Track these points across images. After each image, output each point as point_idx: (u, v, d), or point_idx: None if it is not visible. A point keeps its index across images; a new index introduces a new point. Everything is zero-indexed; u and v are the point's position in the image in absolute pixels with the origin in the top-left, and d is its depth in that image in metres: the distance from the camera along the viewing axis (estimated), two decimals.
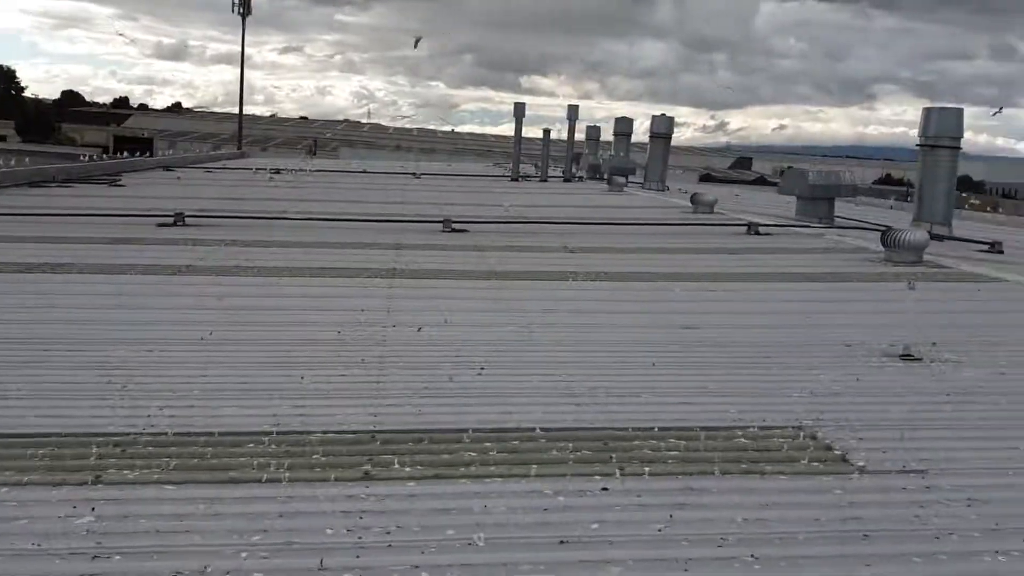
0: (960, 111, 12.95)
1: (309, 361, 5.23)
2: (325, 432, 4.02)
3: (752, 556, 2.93)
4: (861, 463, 3.81)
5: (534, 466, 3.68)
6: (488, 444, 3.93)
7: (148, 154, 33.80)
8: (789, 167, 16.91)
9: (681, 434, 4.15)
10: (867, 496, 3.47)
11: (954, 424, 4.38)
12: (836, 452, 3.95)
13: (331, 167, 28.94)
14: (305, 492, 3.39)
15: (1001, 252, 11.46)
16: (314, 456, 3.75)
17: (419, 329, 6.06)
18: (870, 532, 3.13)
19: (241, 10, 49.85)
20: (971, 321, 6.86)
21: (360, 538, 2.99)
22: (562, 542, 3.00)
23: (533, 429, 4.16)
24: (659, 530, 3.10)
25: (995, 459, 3.91)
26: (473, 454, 3.80)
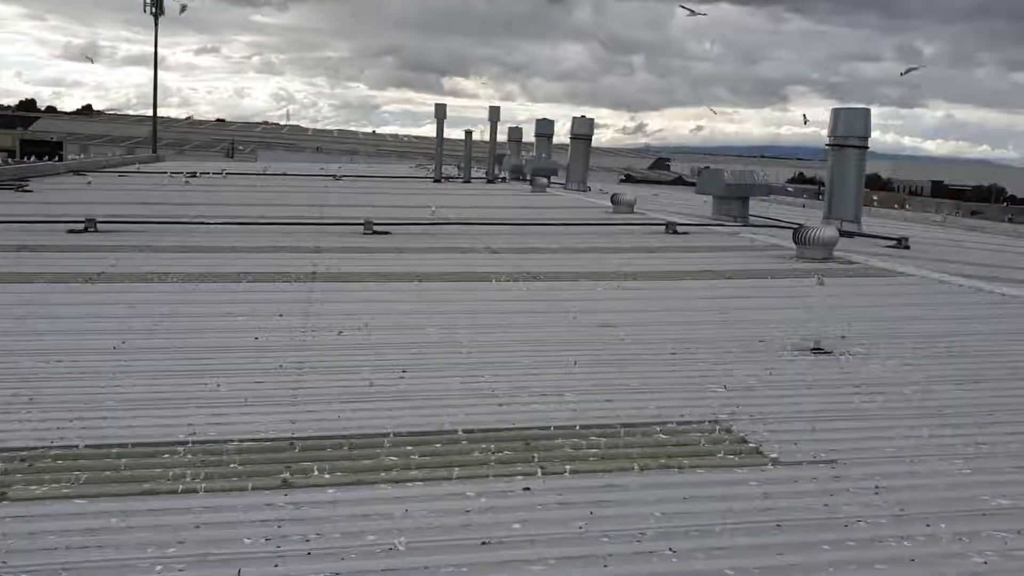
0: (867, 111, 13.40)
1: (226, 368, 5.14)
2: (242, 440, 3.95)
3: (670, 549, 2.98)
4: (774, 455, 3.92)
5: (456, 468, 3.69)
6: (409, 448, 3.92)
7: (57, 158, 32.65)
8: (706, 167, 17.22)
9: (602, 431, 4.20)
10: (780, 487, 3.57)
11: (862, 415, 4.53)
12: (751, 445, 4.06)
13: (249, 170, 28.39)
14: (222, 502, 3.33)
15: (907, 248, 11.89)
16: (231, 465, 3.68)
17: (339, 333, 6.00)
18: (782, 522, 3.22)
19: (153, 10, 48.50)
20: (878, 315, 7.11)
21: (279, 547, 2.95)
22: (484, 543, 3.01)
23: (455, 431, 4.16)
24: (580, 528, 3.14)
25: (901, 447, 4.06)
26: (394, 458, 3.79)
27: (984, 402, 4.76)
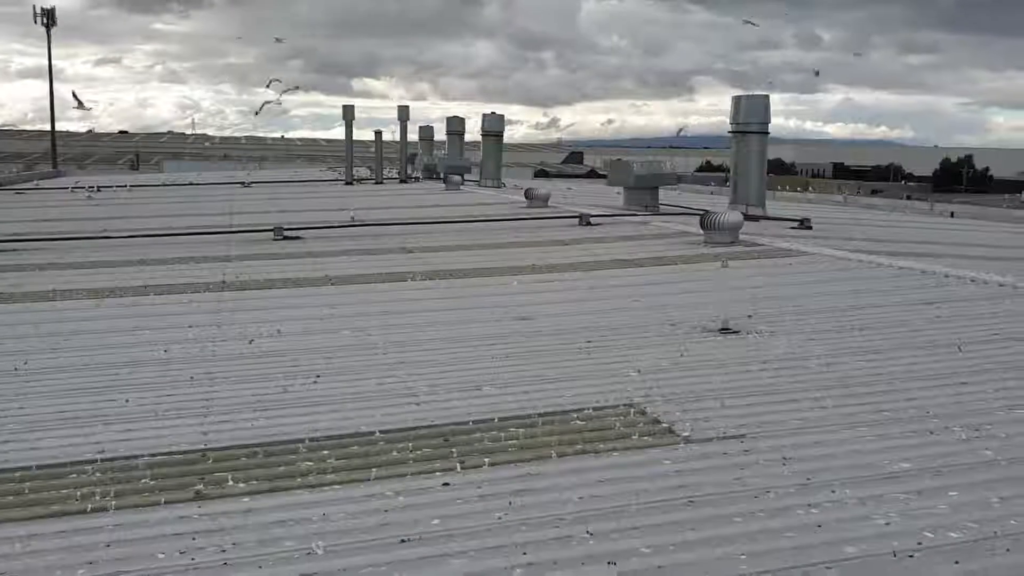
0: (766, 98, 13.76)
1: (134, 383, 5.00)
2: (153, 455, 3.86)
3: (588, 532, 3.03)
4: (686, 433, 4.02)
5: (374, 469, 3.67)
6: (326, 452, 3.89)
7: None
8: (617, 160, 17.47)
9: (520, 422, 4.24)
10: (692, 464, 3.67)
11: (769, 390, 4.68)
12: (664, 425, 4.15)
13: (155, 181, 27.61)
14: (134, 518, 3.25)
15: (810, 228, 12.27)
16: (142, 480, 3.60)
17: (251, 341, 5.91)
18: (695, 498, 3.30)
19: (45, 20, 46.72)
20: (783, 293, 7.33)
21: (193, 559, 2.89)
22: (403, 541, 3.01)
23: (372, 432, 4.14)
24: (499, 518, 3.16)
25: (807, 419, 4.21)
26: (310, 463, 3.75)
27: (884, 371, 4.96)
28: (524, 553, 2.89)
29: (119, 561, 2.90)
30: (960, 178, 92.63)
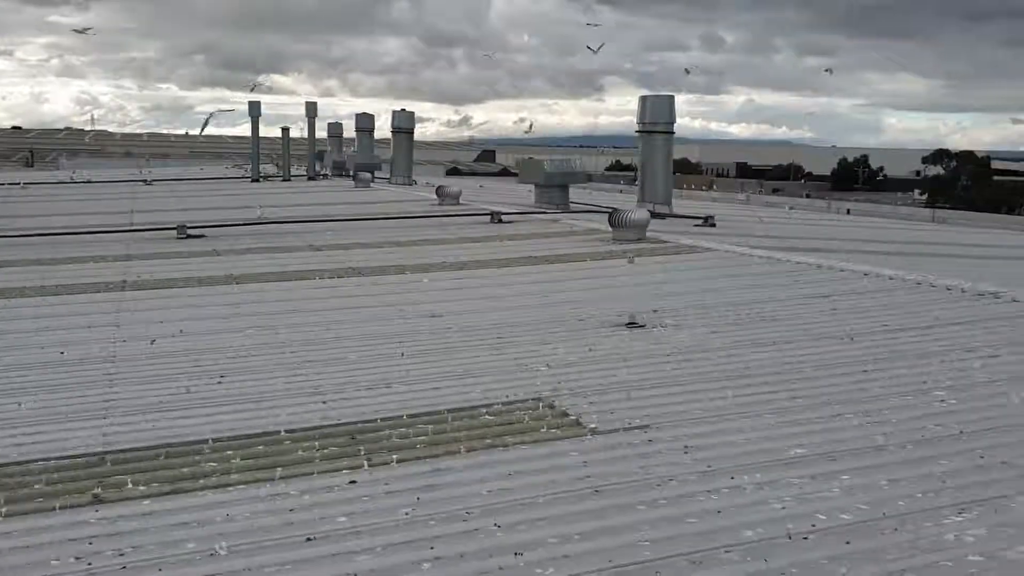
0: (671, 98, 14.05)
1: (29, 386, 4.82)
2: (48, 459, 3.73)
3: (496, 525, 3.06)
4: (593, 425, 4.09)
5: (279, 469, 3.63)
6: (230, 452, 3.82)
7: None
8: (529, 158, 17.61)
9: (429, 419, 4.24)
10: (598, 455, 3.73)
11: (673, 381, 4.79)
12: (571, 417, 4.21)
13: (51, 179, 26.54)
14: (27, 525, 3.14)
15: (713, 225, 12.60)
16: (36, 486, 3.47)
17: (152, 342, 5.75)
18: (600, 487, 3.37)
19: None
20: (687, 288, 7.50)
21: (90, 564, 2.81)
22: (309, 539, 2.98)
23: (278, 432, 4.09)
24: (406, 514, 3.16)
25: (708, 408, 4.32)
26: (214, 464, 3.68)
27: (782, 362, 5.13)
28: (431, 547, 2.90)
29: (12, 569, 2.79)
30: (856, 177, 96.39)
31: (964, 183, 76.71)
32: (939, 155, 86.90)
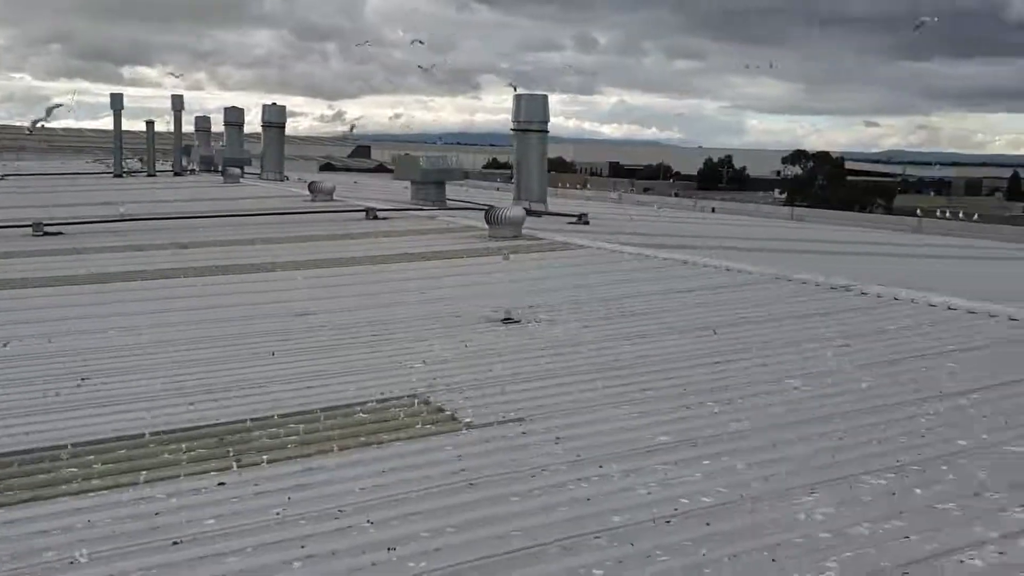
0: (545, 97, 14.26)
1: None
2: None
3: (369, 521, 3.06)
4: (468, 419, 4.13)
5: (143, 473, 3.52)
6: (91, 457, 3.67)
7: None
8: (405, 154, 17.51)
9: (301, 418, 4.19)
10: (473, 448, 3.78)
11: (546, 375, 4.89)
12: (446, 413, 4.24)
13: None
14: None
15: (587, 223, 12.86)
16: None
17: (5, 344, 5.45)
18: (475, 480, 3.41)
19: None
20: (561, 284, 7.65)
21: None
22: (175, 543, 2.91)
23: (142, 435, 3.96)
24: (277, 514, 3.12)
25: (579, 400, 4.44)
26: (74, 469, 3.53)
27: (649, 354, 5.31)
28: (303, 546, 2.87)
29: None
30: (721, 177, 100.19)
31: (820, 182, 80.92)
32: (797, 156, 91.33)
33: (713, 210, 23.11)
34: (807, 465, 3.54)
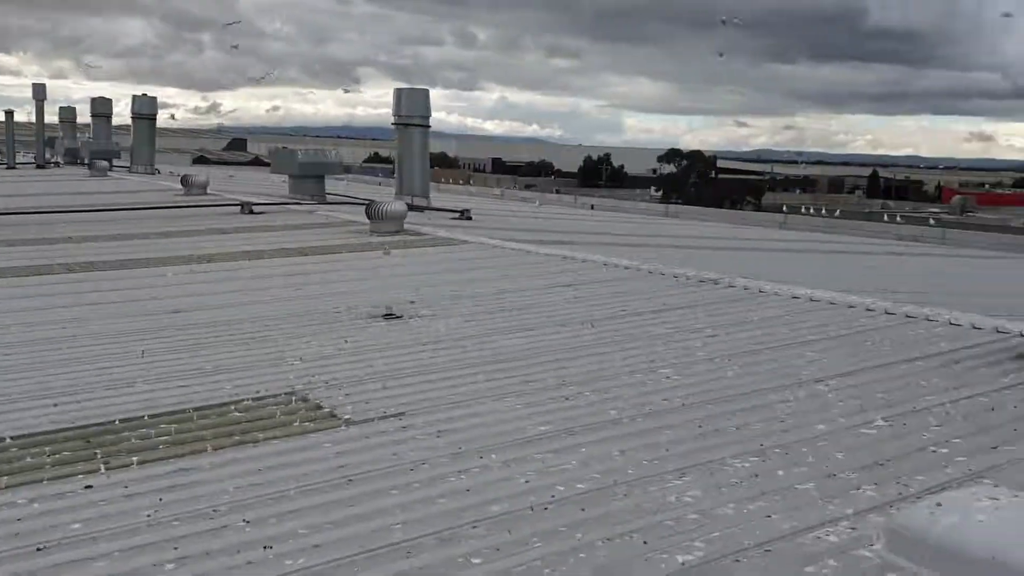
0: (426, 91, 14.24)
1: None
2: None
3: (244, 520, 3.01)
4: (348, 416, 4.11)
5: (4, 478, 3.36)
6: None
7: None
8: (283, 148, 17.14)
9: (173, 418, 4.08)
10: (352, 444, 3.76)
11: (428, 369, 4.90)
12: (325, 410, 4.20)
13: None
14: None
15: (470, 218, 12.93)
16: None
17: None
18: (354, 476, 3.40)
19: None
20: (443, 279, 7.67)
21: None
22: (39, 549, 2.79)
23: (3, 439, 3.77)
24: (148, 516, 3.03)
25: (461, 393, 4.47)
26: None
27: (530, 347, 5.39)
28: (175, 548, 2.80)
29: None
30: (601, 174, 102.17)
31: (694, 180, 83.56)
32: (672, 154, 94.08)
33: (592, 207, 23.56)
34: (677, 450, 3.68)
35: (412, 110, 13.82)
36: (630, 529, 2.95)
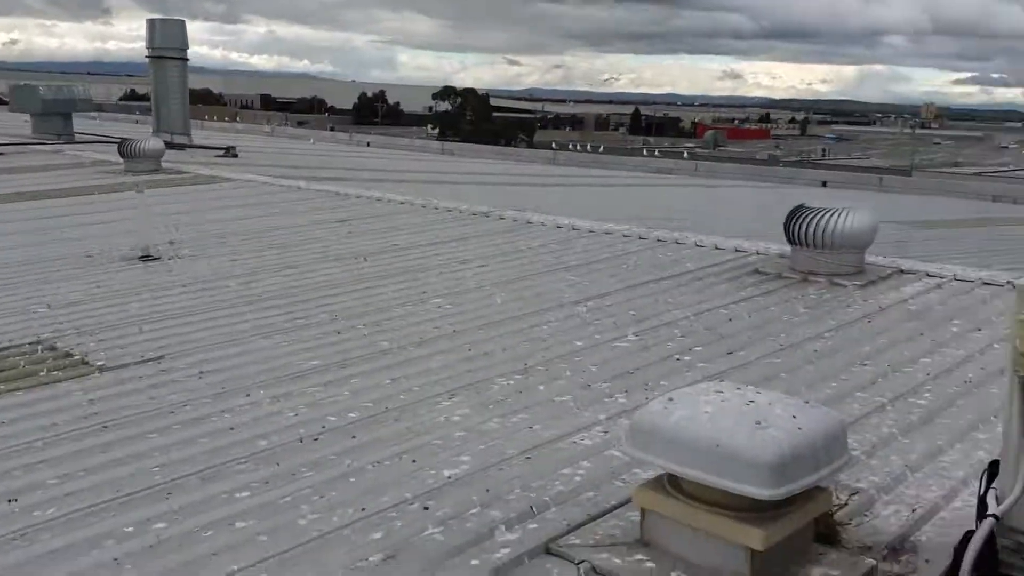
0: (182, 23, 13.37)
1: None
2: None
3: None
4: (101, 362, 3.88)
5: None
6: None
7: None
8: (24, 84, 15.58)
9: None
10: (106, 391, 3.57)
11: (190, 311, 4.71)
12: (76, 357, 3.95)
13: None
14: None
15: (236, 156, 12.39)
16: None
17: None
18: (108, 423, 3.23)
19: None
20: (207, 218, 7.34)
21: None
22: None
23: None
24: None
25: (225, 334, 4.33)
26: None
27: (299, 284, 5.29)
28: None
29: None
30: (377, 112, 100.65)
31: (469, 118, 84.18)
32: (447, 92, 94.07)
33: (368, 144, 23.20)
34: (447, 374, 3.78)
35: (167, 42, 12.96)
36: (399, 451, 3.01)
